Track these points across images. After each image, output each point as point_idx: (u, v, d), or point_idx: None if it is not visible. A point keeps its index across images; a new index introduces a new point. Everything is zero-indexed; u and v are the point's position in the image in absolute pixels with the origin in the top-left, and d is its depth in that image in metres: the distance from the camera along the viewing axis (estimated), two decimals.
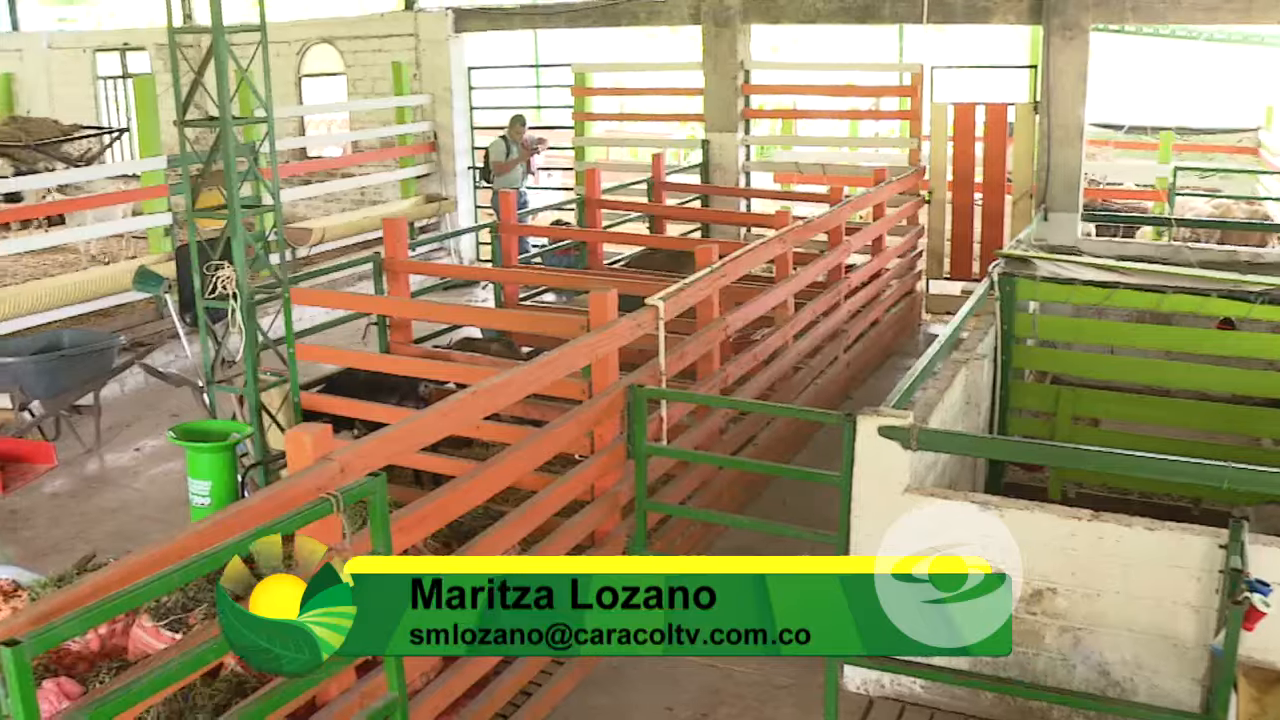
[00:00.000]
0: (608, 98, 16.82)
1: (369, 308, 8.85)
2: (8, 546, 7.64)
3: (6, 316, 11.33)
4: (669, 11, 14.98)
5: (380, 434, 4.83)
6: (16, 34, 21.27)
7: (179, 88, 7.27)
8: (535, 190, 16.30)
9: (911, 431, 5.66)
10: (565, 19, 15.79)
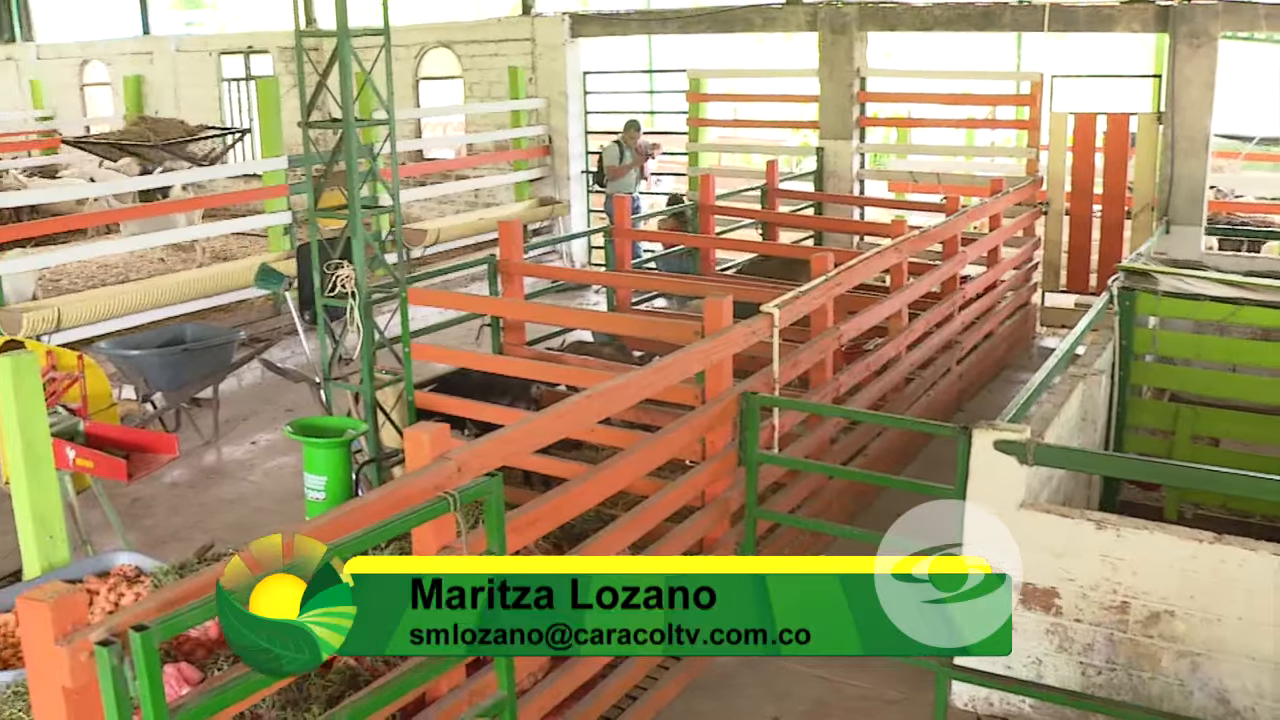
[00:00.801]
0: (721, 103, 16.80)
1: (483, 309, 8.93)
2: (130, 533, 7.83)
3: (132, 310, 11.66)
4: (785, 18, 14.94)
5: (497, 435, 4.86)
6: (147, 38, 21.85)
7: (304, 90, 7.39)
8: (648, 195, 16.33)
9: (1028, 446, 5.57)
10: (679, 25, 15.82)
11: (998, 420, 5.80)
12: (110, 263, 14.45)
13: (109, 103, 22.80)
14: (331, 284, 7.26)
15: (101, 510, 7.65)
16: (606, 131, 16.41)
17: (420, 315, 11.14)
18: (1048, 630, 5.58)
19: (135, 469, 6.76)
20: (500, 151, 17.05)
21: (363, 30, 7.40)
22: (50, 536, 5.91)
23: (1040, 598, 5.56)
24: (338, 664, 4.90)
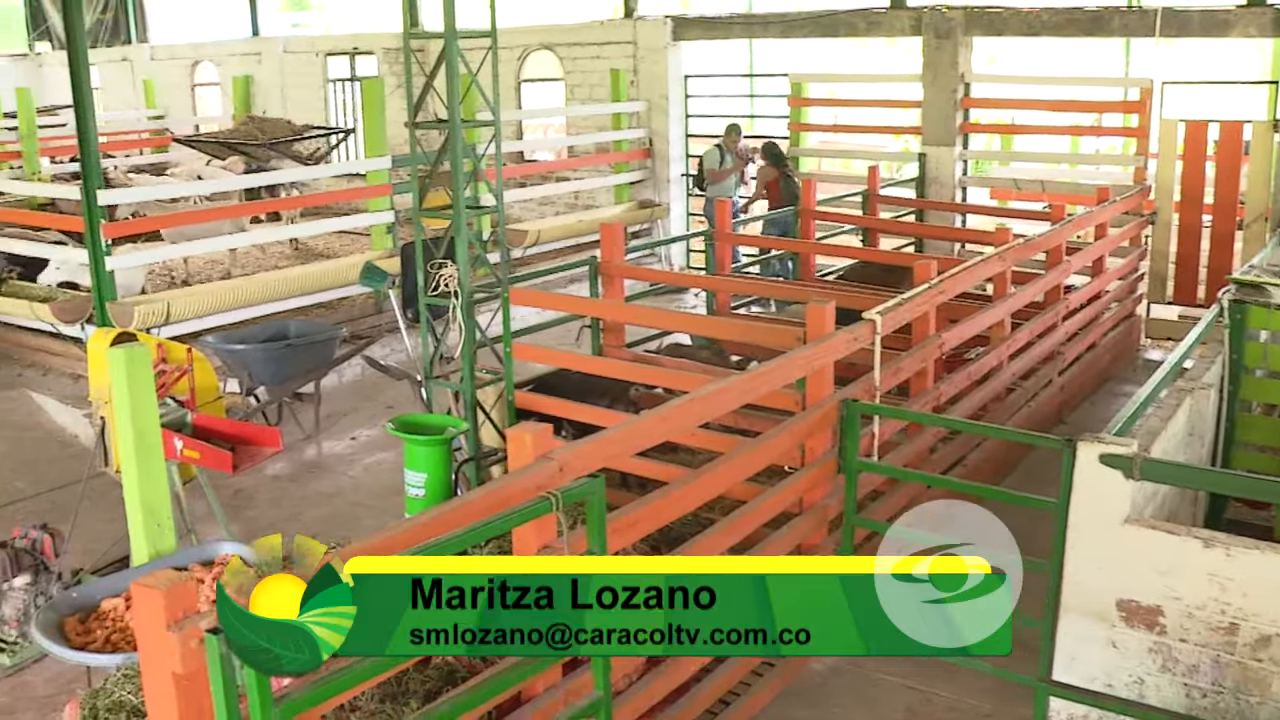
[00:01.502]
0: (821, 108, 16.69)
1: (584, 310, 8.97)
2: (232, 524, 7.98)
3: (238, 305, 11.88)
4: (889, 23, 14.82)
5: (599, 436, 4.88)
6: (256, 39, 22.27)
7: (410, 91, 7.49)
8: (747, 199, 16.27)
9: (1135, 461, 5.45)
10: (781, 28, 15.76)
11: (1103, 433, 5.69)
12: (216, 258, 14.73)
13: (218, 102, 23.27)
14: (435, 283, 7.34)
15: (205, 501, 7.81)
16: (707, 135, 16.40)
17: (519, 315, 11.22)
18: (1150, 649, 5.45)
19: (240, 461, 6.89)
20: (601, 154, 17.11)
21: (470, 32, 7.46)
22: (158, 525, 6.02)
23: (1143, 616, 5.44)
24: (435, 659, 4.96)
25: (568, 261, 12.87)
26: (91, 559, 7.47)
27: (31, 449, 10.32)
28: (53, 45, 27.24)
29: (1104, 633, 5.26)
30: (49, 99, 23.69)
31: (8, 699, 6.55)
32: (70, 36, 10.55)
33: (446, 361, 8.02)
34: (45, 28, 27.31)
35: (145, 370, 5.83)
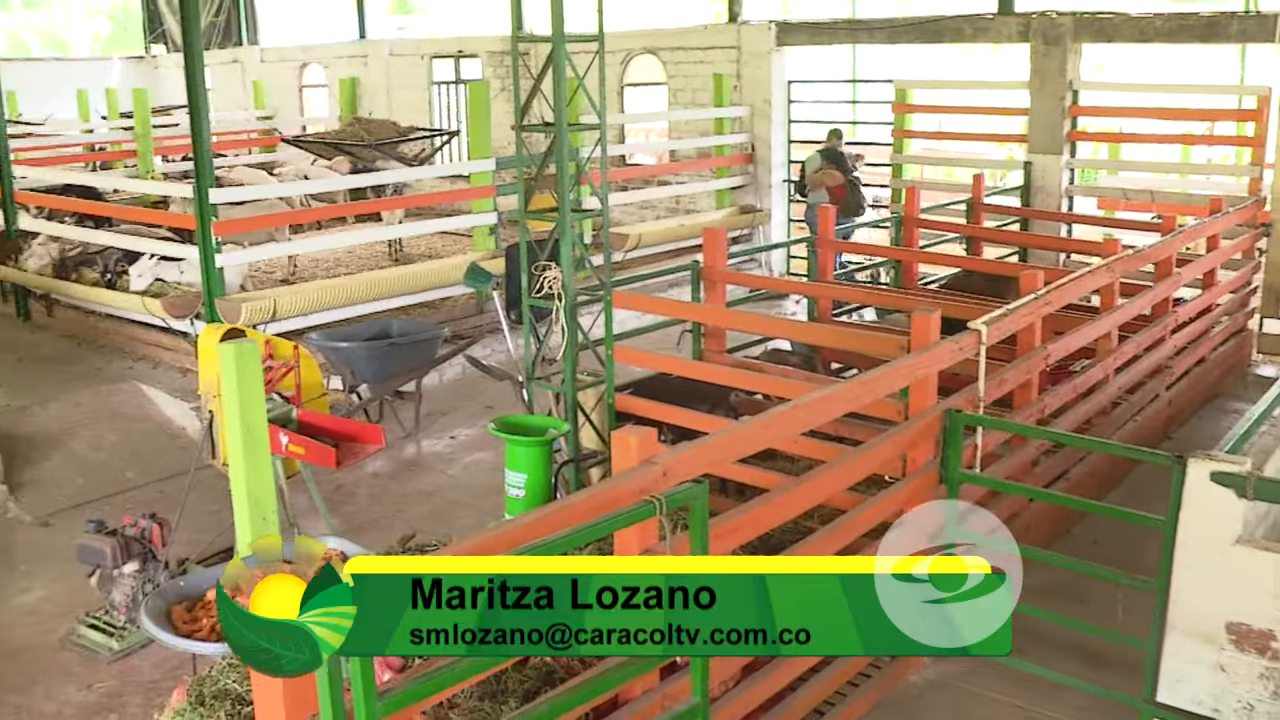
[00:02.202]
0: (924, 115, 16.54)
1: (687, 314, 8.96)
2: (333, 519, 8.10)
3: (342, 304, 12.05)
4: (996, 29, 14.64)
5: (702, 441, 4.88)
6: (363, 41, 22.59)
7: (518, 94, 7.54)
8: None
9: (1248, 480, 5.31)
10: (886, 35, 15.64)
11: (1214, 450, 5.56)
12: (320, 257, 14.95)
13: (324, 103, 23.65)
14: (539, 285, 7.38)
15: (306, 495, 7.93)
16: (808, 141, 16.32)
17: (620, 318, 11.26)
18: (1261, 675, 5.32)
19: (343, 457, 6.99)
20: (703, 158, 17.10)
21: (578, 36, 7.50)
22: (263, 518, 6.13)
23: (1254, 639, 5.31)
24: (534, 659, 4.98)
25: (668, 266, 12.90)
26: (197, 549, 7.61)
27: (141, 440, 10.54)
28: (168, 48, 27.90)
29: (1212, 655, 5.14)
30: (163, 100, 24.30)
31: (116, 682, 6.70)
32: (187, 40, 10.79)
33: (548, 363, 8.06)
34: (161, 31, 27.97)
35: (254, 366, 5.93)
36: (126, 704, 6.57)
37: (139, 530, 7.00)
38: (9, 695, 6.58)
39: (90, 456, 10.24)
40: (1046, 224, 13.87)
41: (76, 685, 6.69)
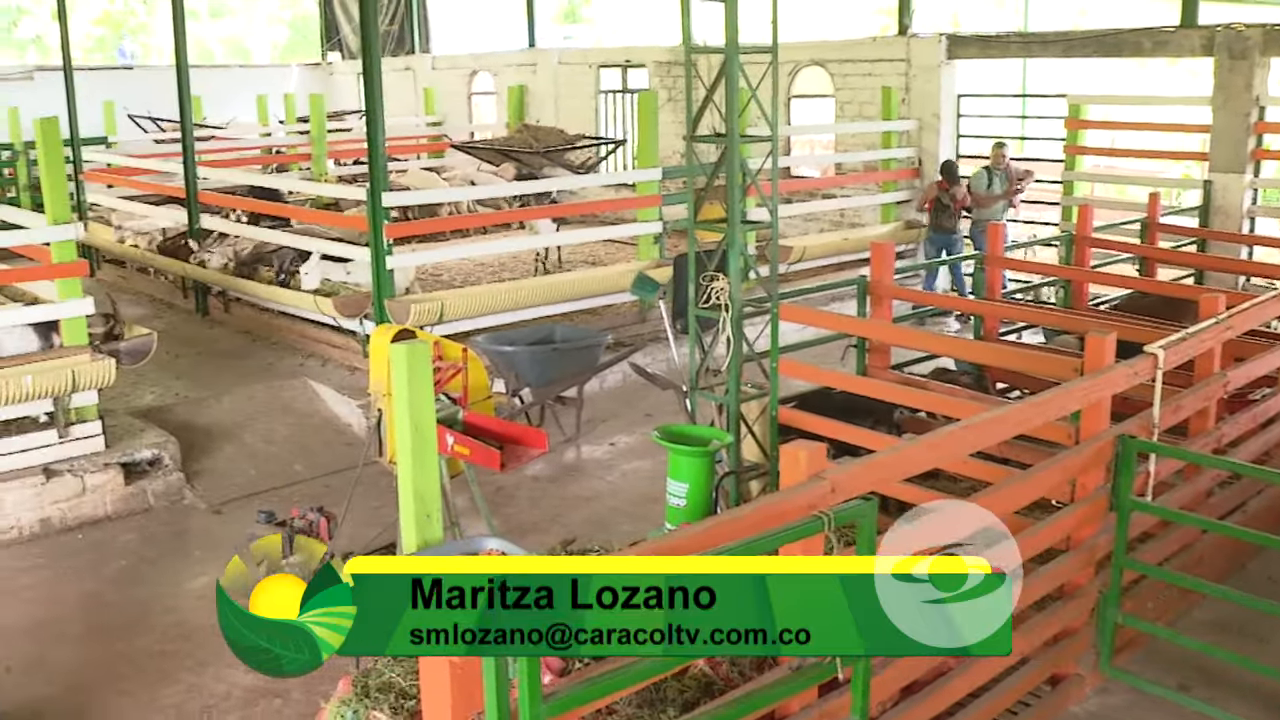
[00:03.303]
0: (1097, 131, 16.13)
1: (853, 329, 8.88)
2: (494, 519, 8.21)
3: (507, 308, 12.22)
4: (1177, 42, 14.22)
5: (870, 459, 4.83)
6: (532, 50, 22.93)
7: (690, 104, 7.56)
8: (1014, 223, 15.86)
9: None
10: (1062, 48, 15.32)
11: None
12: (486, 261, 15.19)
13: (492, 110, 24.05)
14: (706, 295, 7.39)
15: (468, 496, 8.05)
16: (976, 156, 16.06)
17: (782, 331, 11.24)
18: None
19: (507, 460, 7.06)
20: (869, 172, 16.94)
21: (751, 47, 7.49)
22: (428, 516, 6.22)
23: None
24: (694, 669, 4.98)
25: (830, 280, 12.80)
26: (360, 543, 7.78)
27: (310, 435, 10.85)
28: (342, 55, 28.70)
29: None
30: (336, 105, 24.99)
31: None
32: (365, 49, 11.07)
33: (712, 374, 8.06)
34: (337, 39, 28.79)
35: (425, 366, 6.03)
36: (290, 690, 6.76)
37: (307, 522, 7.19)
38: (183, 674, 6.83)
39: (261, 449, 10.58)
40: (1226, 246, 13.41)
41: (244, 668, 6.87)
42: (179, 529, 9.26)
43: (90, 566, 8.48)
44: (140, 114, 23.38)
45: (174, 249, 15.34)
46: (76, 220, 9.74)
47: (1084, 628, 6.26)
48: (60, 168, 9.81)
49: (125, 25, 31.50)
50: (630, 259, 14.45)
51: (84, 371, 9.31)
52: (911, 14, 16.87)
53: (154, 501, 9.66)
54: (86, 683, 6.74)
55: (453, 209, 16.66)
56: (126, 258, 16.99)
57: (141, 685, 6.74)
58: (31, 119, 10.40)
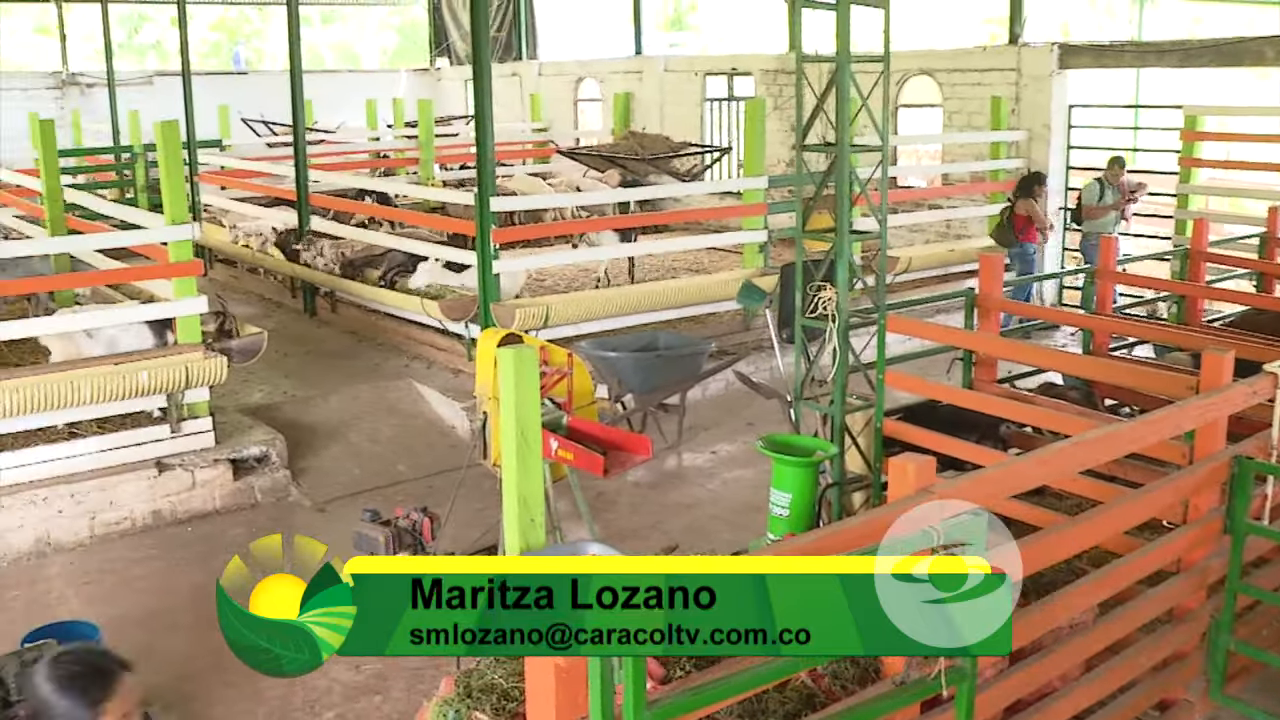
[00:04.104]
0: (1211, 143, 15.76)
1: (961, 341, 8.76)
2: (598, 524, 8.25)
3: (610, 314, 12.26)
4: None
5: (979, 474, 4.78)
6: (638, 58, 22.99)
7: (800, 113, 7.55)
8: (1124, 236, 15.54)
9: None
10: (1178, 58, 14.97)
11: None
12: (590, 267, 15.26)
13: (598, 117, 24.16)
14: (813, 305, 7.36)
15: (569, 500, 8.10)
16: (1085, 168, 15.78)
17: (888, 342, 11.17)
18: None
19: (611, 466, 7.09)
20: (976, 183, 16.73)
21: (863, 56, 7.45)
22: (531, 519, 6.28)
23: None
24: (795, 681, 4.96)
25: (935, 291, 12.66)
26: (462, 545, 7.87)
27: (414, 435, 10.99)
28: (450, 61, 29.03)
29: None
30: (443, 110, 25.30)
31: (381, 666, 6.99)
32: (476, 56, 11.18)
33: (817, 384, 8.03)
34: (446, 45, 29.13)
35: (532, 371, 6.09)
36: (391, 687, 6.86)
37: (411, 522, 7.28)
38: None
39: (366, 448, 10.74)
40: None
41: (346, 665, 7.02)
42: (284, 525, 9.43)
43: (199, 559, 8.67)
44: (253, 118, 23.88)
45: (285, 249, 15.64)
46: (192, 221, 9.95)
47: (1194, 653, 6.12)
48: (179, 170, 10.05)
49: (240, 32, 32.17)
50: (734, 267, 14.43)
51: (197, 368, 9.52)
52: (1023, 23, 16.63)
53: (260, 497, 9.86)
54: (194, 672, 6.89)
55: (557, 215, 16.78)
56: (238, 258, 17.35)
57: (246, 677, 6.83)
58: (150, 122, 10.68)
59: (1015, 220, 14.19)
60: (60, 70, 26.49)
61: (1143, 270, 13.96)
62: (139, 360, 9.50)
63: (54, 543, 9.00)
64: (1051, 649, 5.11)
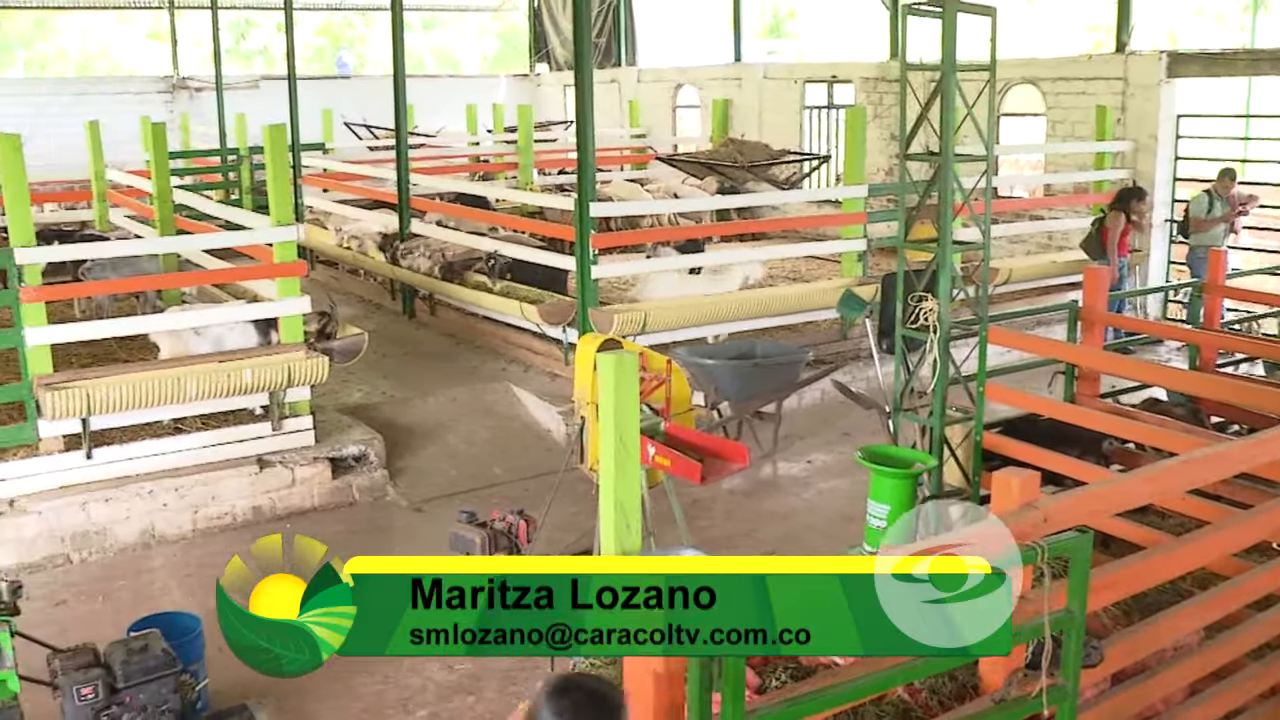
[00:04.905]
0: None
1: (1064, 355, 8.60)
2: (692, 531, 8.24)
3: (707, 321, 12.24)
4: None
5: (1085, 490, 4.71)
6: (737, 65, 22.96)
7: (904, 121, 7.49)
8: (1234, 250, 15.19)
9: None
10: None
11: None
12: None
13: (695, 124, 24.17)
14: (914, 315, 7.30)
15: (664, 506, 8.10)
16: (1193, 179, 15.46)
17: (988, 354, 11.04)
18: None
19: (708, 473, 7.08)
20: (1079, 194, 16.46)
21: (969, 65, 7.38)
22: (628, 525, 6.28)
23: None
24: (891, 696, 4.91)
25: (1035, 304, 12.50)
26: (557, 548, 7.90)
27: (510, 438, 11.07)
28: (550, 67, 29.21)
29: None
30: (542, 116, 25.45)
31: (474, 666, 7.05)
32: (578, 64, 11.24)
33: (916, 395, 7.95)
34: (545, 51, 29.32)
35: (632, 376, 6.09)
36: (484, 688, 6.91)
37: (507, 525, 7.32)
38: (381, 667, 7.04)
39: (462, 450, 10.83)
40: None
41: (440, 664, 7.09)
42: (381, 524, 9.55)
43: None
44: (355, 121, 24.22)
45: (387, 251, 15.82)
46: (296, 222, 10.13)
47: None
48: (285, 172, 10.23)
49: (343, 37, 32.68)
50: (831, 276, 14.35)
51: (299, 367, 9.68)
52: (1130, 30, 16.34)
53: (358, 496, 9.99)
54: None
55: (654, 221, 16.82)
56: (339, 259, 17.60)
57: (344, 675, 6.96)
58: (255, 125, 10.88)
59: (1103, 233, 13.95)
60: (171, 75, 27.12)
61: (1252, 285, 13.65)
62: (243, 358, 9.69)
63: (158, 535, 9.21)
64: (1155, 671, 5.01)
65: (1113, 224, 13.87)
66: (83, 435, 9.15)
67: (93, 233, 14.68)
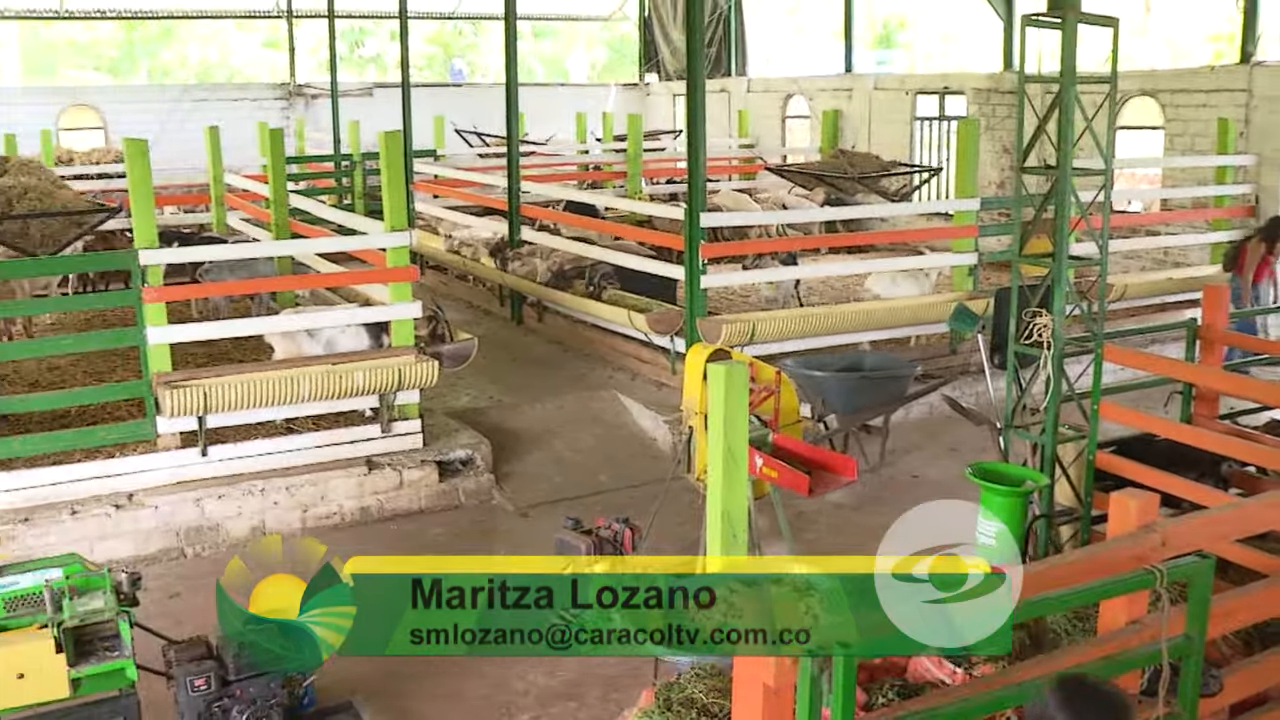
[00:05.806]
0: None
1: (1182, 374, 8.41)
2: (798, 543, 8.20)
3: (815, 333, 12.16)
4: None
5: (1206, 514, 4.61)
6: (848, 75, 22.84)
7: (1021, 134, 7.38)
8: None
9: None
10: None
11: None
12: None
13: (805, 134, 24.07)
14: (1027, 331, 7.19)
15: (769, 518, 8.07)
16: None
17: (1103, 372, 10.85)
18: None
19: (815, 486, 7.06)
20: (1198, 209, 16.08)
21: (1089, 76, 7.25)
22: (734, 535, 6.26)
23: None
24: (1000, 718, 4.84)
25: (1150, 321, 12.24)
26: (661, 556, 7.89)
27: (616, 446, 11.10)
28: (659, 76, 29.29)
29: None
30: (650, 125, 25.56)
31: (576, 674, 7.08)
32: (691, 74, 11.23)
33: (1029, 412, 7.83)
34: (655, 61, 29.40)
35: (742, 387, 6.08)
36: (585, 694, 6.93)
37: (612, 532, 7.35)
38: (489, 669, 7.10)
39: (568, 456, 10.89)
40: None
41: (543, 670, 7.13)
42: (487, 528, 9.63)
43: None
44: (466, 128, 24.50)
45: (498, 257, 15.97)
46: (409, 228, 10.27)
47: None
48: (400, 178, 10.38)
49: (455, 45, 33.10)
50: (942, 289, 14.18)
51: (409, 371, 9.81)
52: (1256, 40, 15.94)
53: (464, 500, 10.09)
54: (399, 669, 7.08)
55: (762, 232, 16.77)
56: (448, 264, 17.80)
57: (449, 677, 7.03)
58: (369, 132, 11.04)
59: (1240, 252, 13.59)
60: (287, 82, 27.70)
61: None
62: (355, 361, 9.84)
63: (269, 532, 9.38)
64: (1277, 703, 4.89)
65: (1254, 247, 13.51)
66: (199, 433, 9.37)
67: (211, 235, 15.03)
